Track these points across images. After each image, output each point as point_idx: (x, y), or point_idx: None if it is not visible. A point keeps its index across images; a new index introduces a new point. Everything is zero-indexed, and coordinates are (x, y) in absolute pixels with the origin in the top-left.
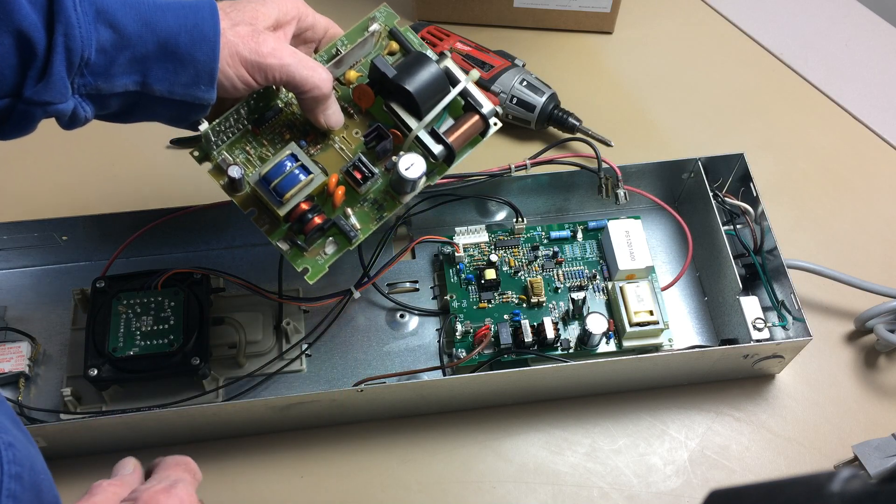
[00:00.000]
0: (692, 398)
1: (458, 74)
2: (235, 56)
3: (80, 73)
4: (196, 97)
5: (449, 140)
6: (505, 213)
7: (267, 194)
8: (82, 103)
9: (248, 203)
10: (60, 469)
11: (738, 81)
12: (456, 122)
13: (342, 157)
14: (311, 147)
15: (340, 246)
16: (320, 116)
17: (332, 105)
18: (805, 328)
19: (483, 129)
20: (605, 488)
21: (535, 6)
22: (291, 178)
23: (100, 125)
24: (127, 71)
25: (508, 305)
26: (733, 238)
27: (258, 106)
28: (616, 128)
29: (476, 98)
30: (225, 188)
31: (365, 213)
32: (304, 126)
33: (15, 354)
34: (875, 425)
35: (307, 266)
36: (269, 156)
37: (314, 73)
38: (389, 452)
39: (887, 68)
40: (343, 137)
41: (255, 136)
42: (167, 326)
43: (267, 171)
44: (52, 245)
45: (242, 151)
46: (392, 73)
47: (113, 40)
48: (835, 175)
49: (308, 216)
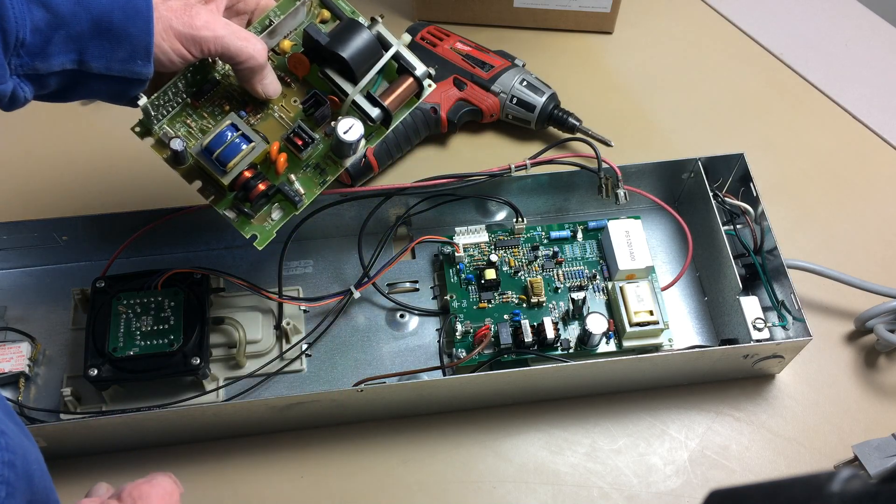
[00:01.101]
0: (692, 398)
1: (391, 38)
2: (169, 30)
3: (16, 54)
4: (133, 72)
5: (385, 103)
6: (505, 213)
7: (210, 164)
8: (21, 84)
9: (192, 175)
10: (60, 469)
11: (738, 81)
12: (391, 84)
13: (282, 125)
14: (252, 117)
15: (286, 211)
16: (257, 86)
17: (268, 75)
18: (805, 328)
19: (418, 90)
20: (605, 488)
21: (535, 6)
22: (233, 146)
23: (100, 125)
24: (63, 50)
25: (508, 305)
26: (733, 238)
27: (196, 79)
28: (616, 128)
29: (409, 61)
30: (168, 161)
31: (308, 178)
32: (243, 97)
33: (15, 354)
34: (875, 425)
35: (255, 233)
36: (210, 128)
37: (248, 44)
38: (389, 452)
39: (887, 68)
40: (282, 106)
41: (195, 109)
42: (167, 326)
43: (209, 142)
44: (52, 245)
45: (183, 125)
46: (325, 41)
47: (47, 20)
48: (835, 175)
49: (252, 183)
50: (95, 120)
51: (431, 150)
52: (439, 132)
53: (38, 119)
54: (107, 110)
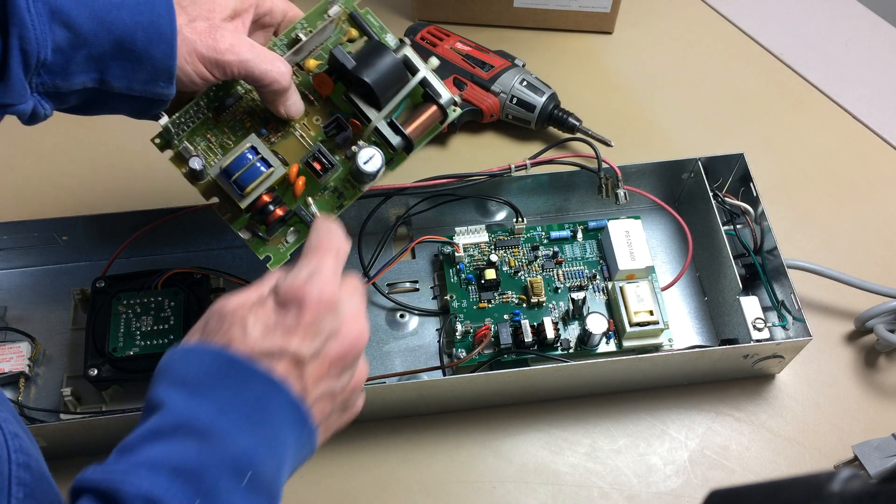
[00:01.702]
0: (692, 398)
1: (417, 63)
2: (193, 53)
3: (37, 73)
4: (155, 93)
5: (407, 131)
6: (505, 213)
7: (228, 187)
8: (41, 102)
9: (210, 192)
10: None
11: (738, 81)
12: (414, 112)
13: (303, 145)
14: (272, 135)
15: (301, 234)
16: (280, 107)
17: (291, 96)
18: (805, 328)
19: (442, 118)
20: (605, 488)
21: (535, 6)
22: (252, 171)
23: (100, 125)
24: (84, 69)
25: (508, 305)
26: (733, 238)
27: (218, 95)
28: (616, 128)
29: (434, 88)
30: (187, 177)
31: (326, 201)
32: (265, 113)
33: (15, 354)
34: (875, 425)
35: (269, 254)
36: (230, 144)
37: (273, 67)
38: (389, 452)
39: (887, 68)
40: (304, 125)
41: (216, 124)
42: (167, 326)
43: (228, 164)
44: (52, 245)
45: (203, 139)
46: (351, 65)
47: (68, 39)
48: (835, 175)
49: (269, 208)
50: (95, 120)
51: (431, 150)
52: (439, 132)
53: None
54: None
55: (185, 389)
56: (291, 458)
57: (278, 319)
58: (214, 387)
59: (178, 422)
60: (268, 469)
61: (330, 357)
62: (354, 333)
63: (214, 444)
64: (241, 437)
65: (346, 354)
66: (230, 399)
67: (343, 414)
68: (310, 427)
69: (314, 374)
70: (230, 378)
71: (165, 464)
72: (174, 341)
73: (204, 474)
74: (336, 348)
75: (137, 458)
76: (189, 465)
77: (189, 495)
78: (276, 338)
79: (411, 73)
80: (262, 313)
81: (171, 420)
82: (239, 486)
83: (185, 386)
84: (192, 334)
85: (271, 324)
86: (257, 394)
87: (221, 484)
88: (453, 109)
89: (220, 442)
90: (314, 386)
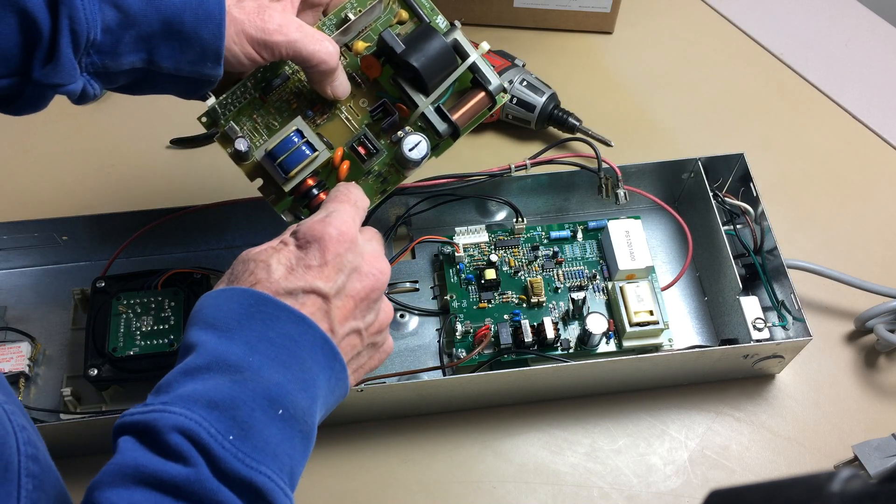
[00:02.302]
0: (692, 398)
1: (468, 48)
2: (241, 34)
3: (86, 53)
4: (203, 74)
5: (454, 118)
6: (505, 213)
7: (272, 170)
8: (91, 81)
9: (254, 174)
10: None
11: (738, 81)
12: (462, 97)
13: (348, 128)
14: (318, 117)
15: None
16: (327, 88)
17: (339, 77)
18: (805, 328)
19: (490, 104)
20: (605, 488)
21: (535, 6)
22: (297, 154)
23: (100, 126)
24: (133, 49)
25: (508, 305)
26: (733, 238)
27: (265, 76)
28: (616, 128)
29: (484, 74)
30: (232, 157)
31: (369, 185)
32: (311, 95)
33: (15, 354)
34: (875, 425)
35: None
36: (276, 125)
37: (321, 48)
38: (389, 452)
39: (887, 68)
40: (350, 107)
41: (263, 105)
42: (167, 326)
43: (273, 147)
44: (52, 245)
45: (250, 119)
46: (400, 49)
47: (118, 20)
48: (835, 175)
49: (313, 192)
50: (95, 120)
51: None
52: None
53: (38, 119)
54: (107, 110)
55: (215, 330)
56: (325, 396)
57: (300, 258)
58: (243, 326)
59: (210, 360)
60: (301, 403)
61: (354, 293)
62: (376, 270)
63: (247, 378)
64: (272, 373)
65: (370, 291)
66: (260, 336)
67: (373, 354)
68: (340, 363)
69: (340, 311)
70: (258, 317)
71: (200, 398)
72: (174, 341)
73: (239, 406)
74: (359, 285)
75: (173, 395)
76: (223, 398)
77: (226, 426)
78: (299, 276)
79: (461, 58)
80: (284, 255)
81: (203, 360)
82: (274, 417)
83: (216, 327)
84: (220, 283)
85: (294, 263)
86: (286, 330)
87: (256, 415)
88: (502, 96)
89: (253, 377)
90: (342, 323)
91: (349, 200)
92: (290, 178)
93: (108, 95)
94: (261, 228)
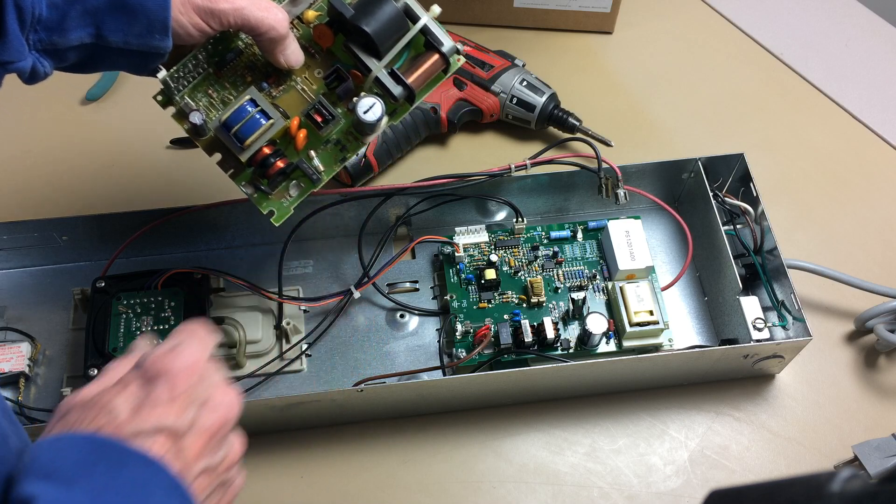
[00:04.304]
0: (692, 398)
1: (418, 11)
2: (187, 3)
3: (33, 30)
4: (151, 46)
5: (408, 81)
6: (505, 213)
7: (228, 140)
8: (40, 59)
9: (212, 148)
10: None
11: (738, 81)
12: (415, 61)
13: (304, 98)
14: (274, 89)
15: (305, 188)
16: (279, 56)
17: (290, 44)
18: (805, 328)
19: (444, 66)
20: (605, 488)
21: (535, 6)
22: (252, 123)
23: (100, 126)
24: (80, 24)
25: (508, 305)
26: (733, 238)
27: (217, 49)
28: (616, 128)
29: (436, 35)
30: (189, 132)
31: (328, 154)
32: (266, 67)
33: (15, 354)
34: (875, 425)
35: (273, 209)
36: (232, 99)
37: (269, 14)
38: (389, 452)
39: (887, 68)
40: (305, 77)
41: (218, 79)
42: (167, 326)
43: (227, 118)
44: (52, 245)
45: (205, 95)
46: (349, 14)
47: None
48: (835, 175)
49: (270, 160)
50: (95, 120)
51: (431, 150)
52: (439, 132)
53: (38, 118)
54: (107, 110)
55: (55, 480)
56: None
57: (147, 395)
58: (88, 473)
59: None
60: None
61: (206, 428)
62: (227, 402)
63: None
64: None
65: (221, 425)
66: (106, 485)
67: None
68: None
69: (192, 448)
70: (104, 463)
71: None
72: None
73: None
74: (210, 418)
75: None
76: None
77: None
78: (147, 415)
79: (412, 22)
80: (127, 393)
81: None
82: None
83: (55, 476)
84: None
85: (140, 401)
86: (134, 477)
87: None
88: (457, 59)
89: None
90: (194, 461)
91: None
92: (246, 148)
93: (108, 95)
94: (261, 228)
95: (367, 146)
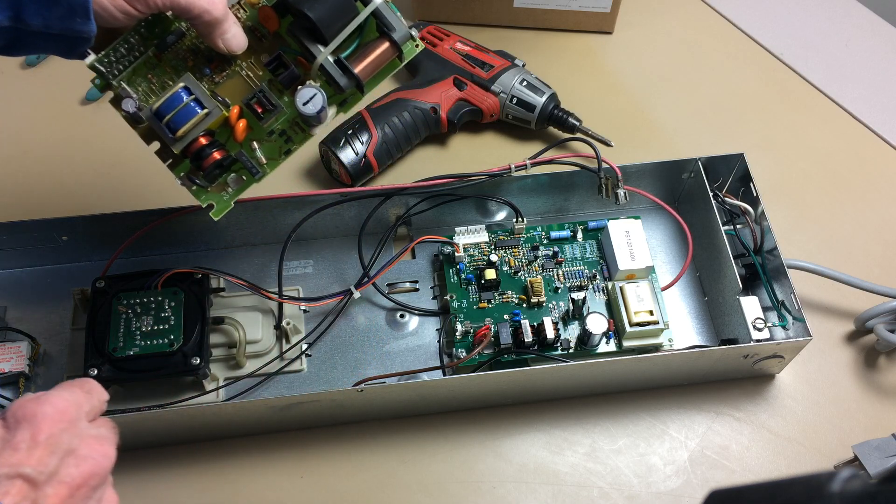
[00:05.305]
0: (692, 398)
1: None
2: None
3: None
4: (74, 30)
5: (356, 70)
6: (505, 213)
7: (160, 130)
8: None
9: (150, 136)
10: None
11: (738, 81)
12: (365, 48)
13: (249, 85)
14: (217, 75)
15: (246, 182)
16: (218, 41)
17: (230, 28)
18: (805, 328)
19: (397, 54)
20: (605, 488)
21: (535, 6)
22: (185, 112)
23: (100, 126)
24: None
25: (508, 305)
26: (733, 238)
27: (154, 32)
28: (616, 128)
29: (388, 20)
30: (127, 120)
31: (272, 145)
32: (209, 52)
33: (15, 354)
34: (875, 425)
35: (212, 202)
36: (172, 84)
37: None
38: (389, 452)
39: (887, 68)
40: (251, 63)
41: (158, 64)
42: (167, 326)
43: (159, 106)
44: (52, 245)
45: (145, 80)
46: None
47: None
48: (835, 175)
49: (206, 152)
50: (95, 120)
51: (431, 150)
52: (439, 132)
53: (38, 118)
54: (107, 110)
55: None
56: None
57: (6, 440)
58: None
59: None
60: None
61: (69, 479)
62: (98, 455)
63: None
64: None
65: (88, 477)
66: None
67: None
68: None
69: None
70: None
71: None
72: (174, 341)
73: None
74: (75, 470)
75: None
76: None
77: None
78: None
79: (364, 5)
80: None
81: None
82: None
83: None
84: None
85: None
86: None
87: None
88: (416, 45)
89: None
90: None
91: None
92: (178, 139)
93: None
94: (261, 228)
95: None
